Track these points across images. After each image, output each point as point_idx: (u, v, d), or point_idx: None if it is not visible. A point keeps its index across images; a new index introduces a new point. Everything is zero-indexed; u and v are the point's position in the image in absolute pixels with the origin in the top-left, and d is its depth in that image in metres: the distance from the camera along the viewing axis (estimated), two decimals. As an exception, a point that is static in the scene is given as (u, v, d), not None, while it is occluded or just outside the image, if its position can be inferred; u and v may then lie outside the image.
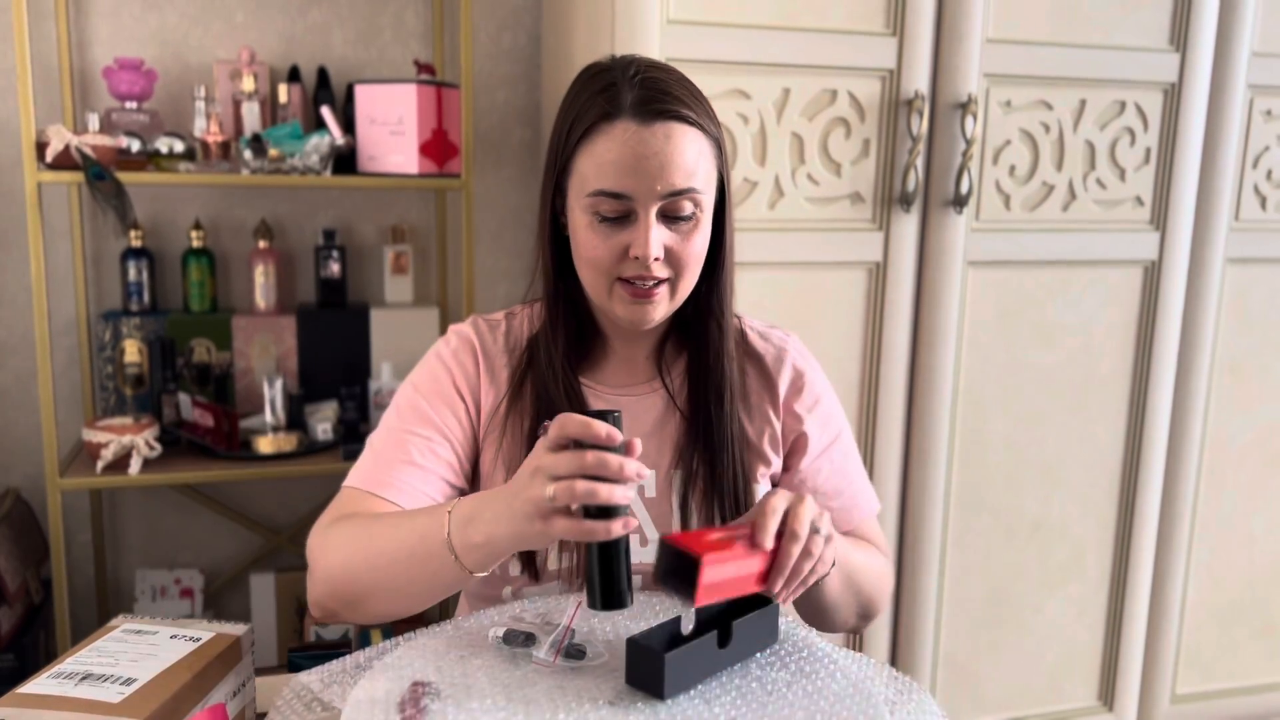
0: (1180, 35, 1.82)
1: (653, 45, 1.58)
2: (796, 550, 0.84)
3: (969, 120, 1.73)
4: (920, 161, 1.74)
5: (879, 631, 1.91)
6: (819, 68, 1.67)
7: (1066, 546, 1.97)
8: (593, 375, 1.11)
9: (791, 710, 0.81)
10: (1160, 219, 1.89)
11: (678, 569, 0.78)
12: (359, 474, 1.06)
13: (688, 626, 0.85)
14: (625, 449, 0.80)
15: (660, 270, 1.00)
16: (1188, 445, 1.99)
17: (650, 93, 0.97)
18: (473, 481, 1.11)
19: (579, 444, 0.79)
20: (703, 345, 1.08)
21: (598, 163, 0.97)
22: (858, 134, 1.72)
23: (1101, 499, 1.98)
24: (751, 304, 1.71)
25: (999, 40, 1.74)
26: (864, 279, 1.77)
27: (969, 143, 1.73)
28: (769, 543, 0.83)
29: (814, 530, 0.86)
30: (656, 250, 0.98)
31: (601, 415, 0.80)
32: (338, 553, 0.97)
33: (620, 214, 0.98)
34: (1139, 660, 2.05)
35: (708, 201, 1.01)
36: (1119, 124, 1.83)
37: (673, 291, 1.02)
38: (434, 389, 1.09)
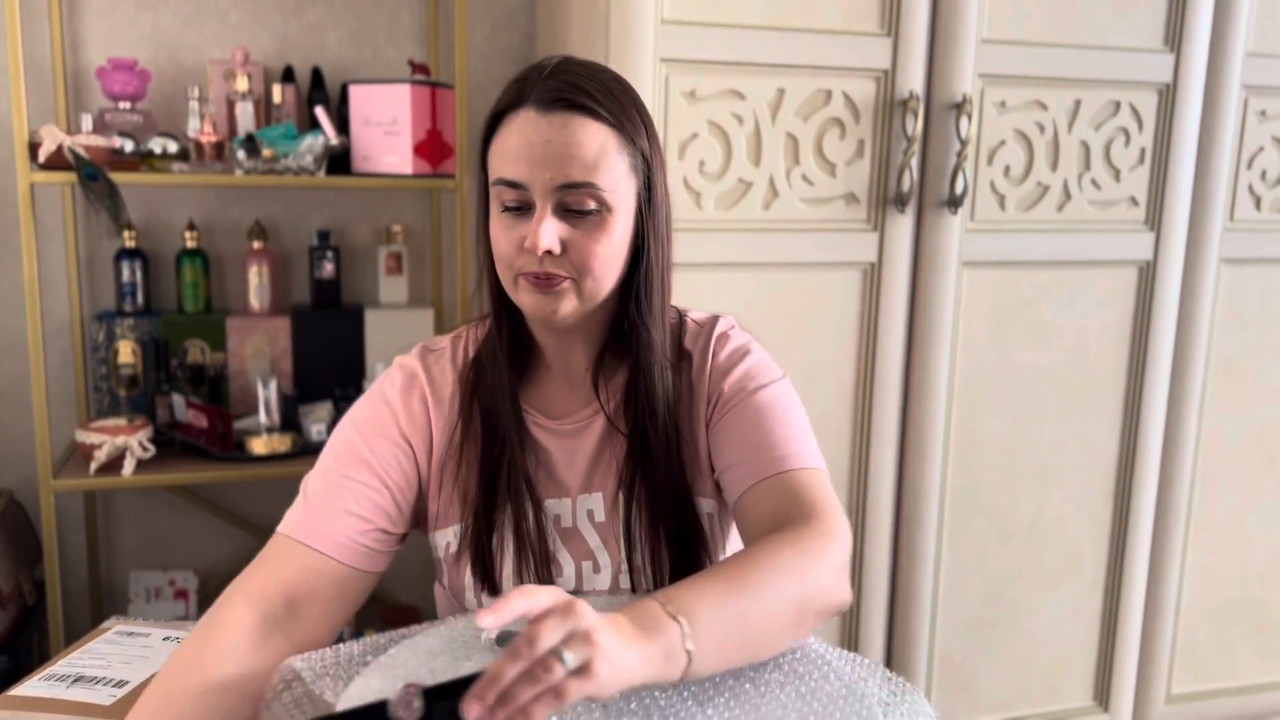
0: (1175, 35, 1.82)
1: (647, 45, 1.58)
2: (510, 671, 0.68)
3: (964, 121, 1.73)
4: (915, 162, 1.74)
5: (874, 632, 1.91)
6: (813, 68, 1.67)
7: (1062, 547, 1.98)
8: (532, 400, 1.07)
9: (785, 712, 0.80)
10: (1155, 219, 1.89)
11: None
12: (291, 521, 1.01)
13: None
14: None
15: (556, 266, 0.95)
16: (1183, 445, 1.99)
17: (557, 83, 0.95)
18: (419, 522, 1.08)
19: None
20: (636, 360, 1.03)
21: (500, 151, 0.96)
22: (852, 134, 1.72)
23: (1096, 499, 1.98)
24: (745, 305, 1.71)
25: (993, 40, 1.74)
26: (859, 280, 1.77)
27: (964, 143, 1.73)
28: (485, 622, 0.69)
29: (556, 655, 0.68)
30: (547, 243, 0.93)
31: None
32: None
33: (520, 204, 0.95)
34: (1134, 660, 2.05)
35: (618, 202, 0.96)
36: (1114, 124, 1.83)
37: (578, 289, 0.97)
38: (375, 429, 1.04)
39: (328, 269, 2.15)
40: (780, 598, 0.85)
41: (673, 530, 1.03)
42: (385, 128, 1.99)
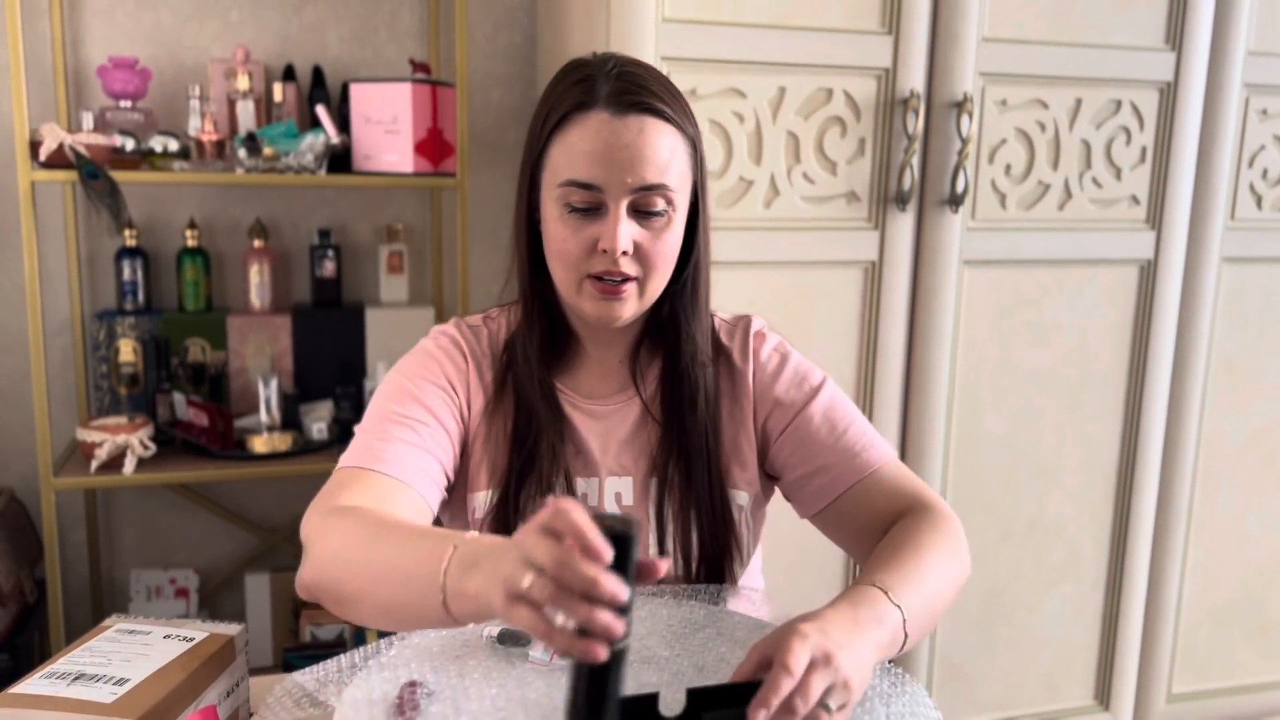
0: (1176, 34, 1.82)
1: (648, 44, 1.57)
2: None
3: (964, 119, 1.73)
4: (916, 160, 1.74)
5: (875, 631, 1.90)
6: (814, 66, 1.67)
7: (1062, 546, 1.97)
8: (567, 382, 1.09)
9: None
10: (1156, 218, 1.89)
11: None
12: (351, 454, 0.99)
13: (672, 709, 0.72)
14: (631, 571, 0.62)
15: (628, 267, 0.98)
16: (1183, 444, 1.99)
17: (626, 85, 0.96)
18: (458, 484, 1.09)
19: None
20: (675, 352, 1.06)
21: (570, 152, 0.97)
22: (853, 133, 1.71)
23: (1097, 498, 1.98)
24: (746, 303, 1.70)
25: (994, 39, 1.74)
26: (860, 278, 1.77)
27: (964, 142, 1.73)
28: (759, 717, 0.70)
29: (823, 705, 0.73)
30: (625, 244, 0.96)
31: (617, 529, 0.62)
32: (336, 545, 0.87)
33: (590, 205, 0.97)
34: (1135, 660, 2.05)
35: (681, 201, 0.99)
36: (1115, 123, 1.83)
37: (641, 290, 1.00)
38: (424, 376, 1.05)
39: (328, 268, 2.15)
40: (947, 578, 0.94)
41: (704, 518, 1.06)
42: (386, 126, 1.99)
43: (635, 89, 0.96)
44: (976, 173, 1.78)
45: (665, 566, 0.67)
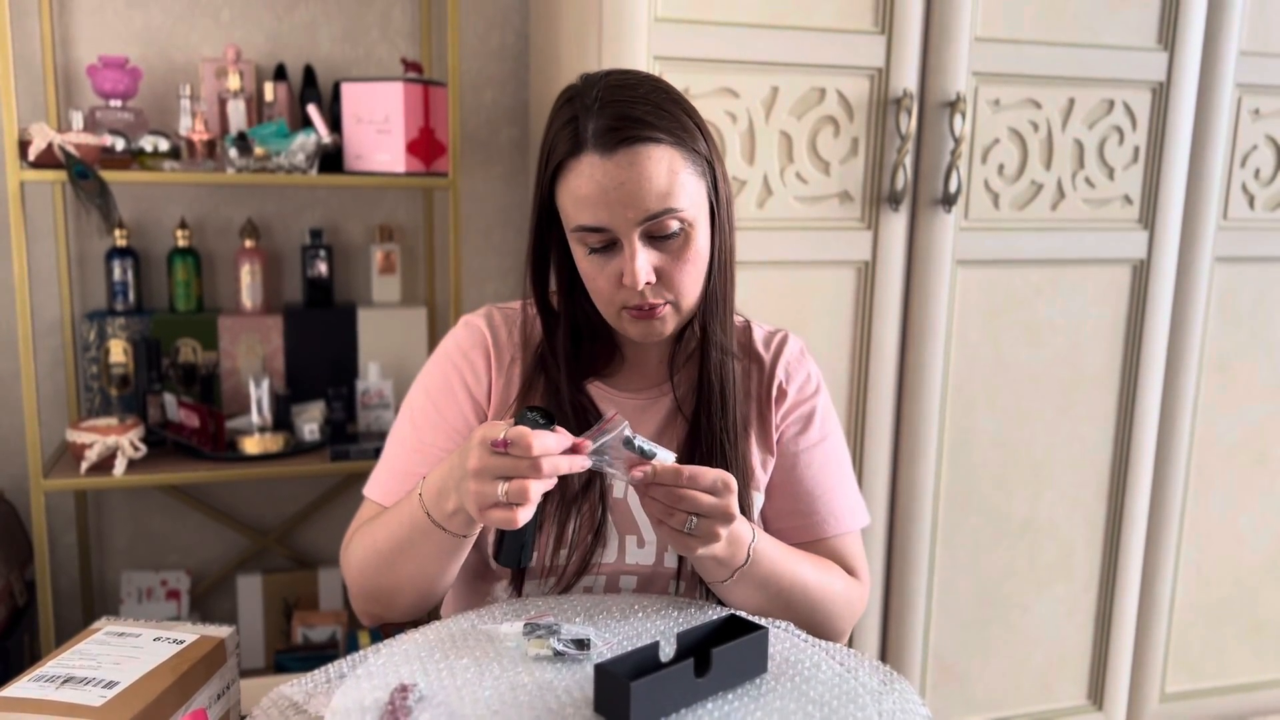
0: (1168, 34, 1.82)
1: (640, 44, 1.57)
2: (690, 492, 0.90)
3: (957, 119, 1.73)
4: (909, 160, 1.74)
5: (868, 631, 1.90)
6: (807, 66, 1.67)
7: (1055, 546, 1.98)
8: (606, 379, 1.12)
9: (784, 701, 0.80)
10: (1149, 218, 1.89)
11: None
12: (376, 485, 1.10)
13: (667, 653, 0.82)
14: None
15: (657, 294, 1.00)
16: (1176, 444, 1.99)
17: (610, 120, 0.96)
18: None
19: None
20: (705, 355, 1.08)
21: (572, 199, 0.98)
22: (846, 133, 1.71)
23: (1090, 498, 1.98)
24: (740, 303, 1.70)
25: (987, 39, 1.74)
26: (853, 278, 1.77)
27: (957, 141, 1.73)
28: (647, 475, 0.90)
29: (690, 516, 0.90)
30: (645, 276, 0.98)
31: (538, 420, 0.87)
32: (355, 564, 1.05)
33: (606, 244, 0.99)
34: (1128, 659, 2.05)
35: (695, 215, 0.99)
36: (1107, 123, 1.83)
37: (678, 308, 1.02)
38: (444, 390, 1.10)
39: (320, 268, 2.15)
40: (813, 595, 1.05)
41: None
42: (378, 126, 1.98)
43: (620, 122, 0.95)
44: (969, 172, 1.78)
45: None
